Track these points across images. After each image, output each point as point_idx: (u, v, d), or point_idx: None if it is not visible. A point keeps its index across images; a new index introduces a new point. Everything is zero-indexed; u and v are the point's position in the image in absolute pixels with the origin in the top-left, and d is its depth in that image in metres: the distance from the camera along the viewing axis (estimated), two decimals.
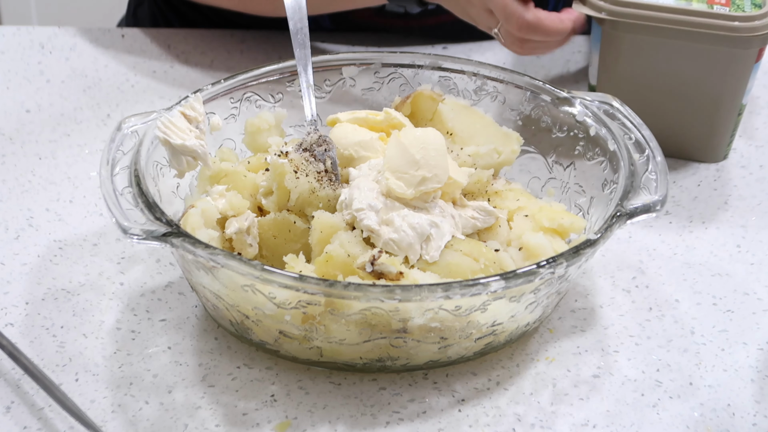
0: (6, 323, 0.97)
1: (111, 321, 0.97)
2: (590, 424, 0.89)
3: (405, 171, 0.94)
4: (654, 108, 1.17)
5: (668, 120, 1.19)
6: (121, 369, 0.92)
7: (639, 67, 1.17)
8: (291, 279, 0.84)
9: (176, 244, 0.86)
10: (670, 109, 1.18)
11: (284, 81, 1.09)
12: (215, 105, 1.06)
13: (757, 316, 1.00)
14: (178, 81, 1.34)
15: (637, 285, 1.03)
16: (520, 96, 1.09)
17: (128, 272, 1.03)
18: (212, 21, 1.47)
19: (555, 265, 0.86)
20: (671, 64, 1.16)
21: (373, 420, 0.89)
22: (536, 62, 1.39)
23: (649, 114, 1.15)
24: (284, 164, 0.96)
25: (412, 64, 1.12)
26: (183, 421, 0.88)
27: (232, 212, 0.96)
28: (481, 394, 0.91)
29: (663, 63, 1.16)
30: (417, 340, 0.88)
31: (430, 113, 1.07)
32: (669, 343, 0.97)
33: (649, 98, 1.18)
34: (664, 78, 1.17)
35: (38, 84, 1.32)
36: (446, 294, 0.83)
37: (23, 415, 0.88)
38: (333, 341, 0.89)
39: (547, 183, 1.08)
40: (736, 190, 1.17)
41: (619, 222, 0.91)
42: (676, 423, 0.89)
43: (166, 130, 0.97)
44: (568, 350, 0.96)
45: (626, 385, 0.92)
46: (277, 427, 0.88)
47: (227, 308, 0.91)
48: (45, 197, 1.13)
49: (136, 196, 0.91)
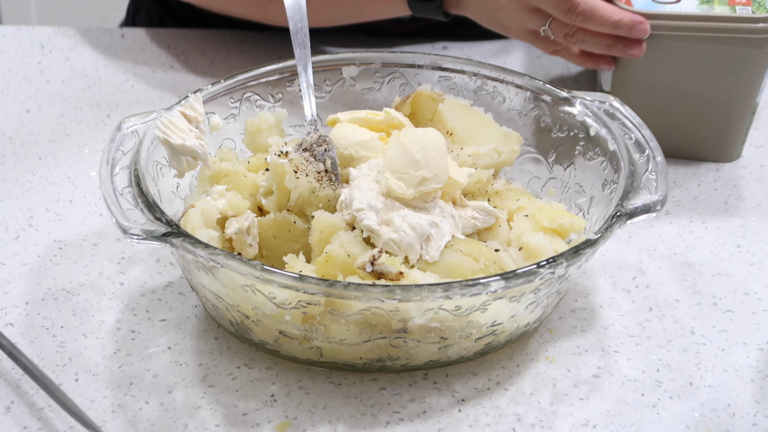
0: (6, 323, 0.97)
1: (111, 321, 0.97)
2: (590, 424, 0.89)
3: (405, 171, 0.94)
4: (669, 110, 1.18)
5: (683, 121, 1.19)
6: (121, 369, 0.93)
7: (656, 71, 1.16)
8: (291, 279, 0.84)
9: (176, 244, 0.86)
10: (686, 110, 1.18)
11: (284, 81, 1.09)
12: (215, 105, 1.06)
13: (757, 316, 1.00)
14: (178, 81, 1.34)
15: (637, 285, 1.03)
16: (520, 96, 1.09)
17: (128, 272, 1.03)
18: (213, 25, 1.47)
19: (555, 265, 0.86)
20: (689, 66, 1.15)
21: (373, 420, 0.89)
22: (536, 62, 1.39)
23: (665, 116, 1.16)
24: (284, 164, 0.96)
25: (412, 64, 1.12)
26: (183, 421, 0.88)
27: (232, 212, 0.96)
28: (481, 394, 0.91)
29: (681, 66, 1.15)
30: (417, 340, 0.88)
31: (430, 113, 1.07)
32: (669, 343, 0.97)
33: (665, 101, 1.18)
34: (681, 80, 1.16)
35: (38, 84, 1.32)
36: (446, 294, 0.83)
37: (23, 415, 0.88)
38: (333, 341, 0.89)
39: (547, 183, 1.08)
40: (736, 190, 1.17)
41: (619, 222, 0.91)
42: (676, 423, 0.89)
43: (166, 130, 0.97)
44: (568, 350, 0.96)
45: (626, 385, 0.92)
46: (277, 427, 0.88)
47: (227, 308, 0.91)
48: (45, 197, 1.13)
49: (136, 196, 0.91)
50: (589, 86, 1.31)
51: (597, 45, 1.15)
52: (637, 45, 1.13)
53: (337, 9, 1.28)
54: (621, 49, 1.14)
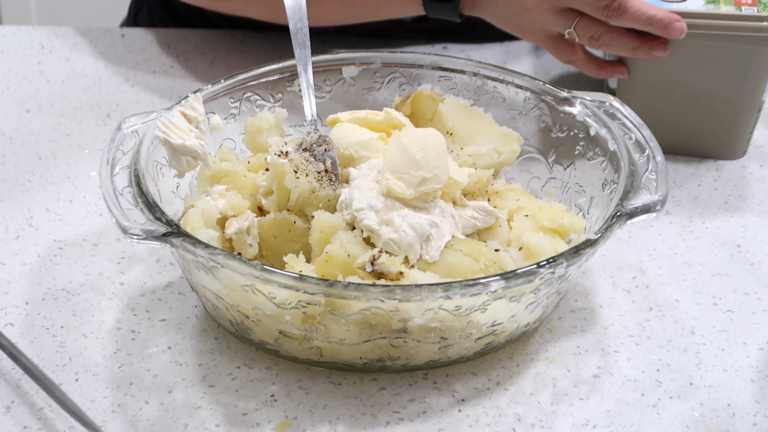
0: (6, 323, 0.97)
1: (111, 321, 0.97)
2: (590, 424, 0.89)
3: (405, 171, 0.94)
4: (675, 108, 1.19)
5: (689, 119, 1.20)
6: (121, 369, 0.93)
7: (663, 69, 1.17)
8: (291, 279, 0.84)
9: (176, 244, 0.86)
10: (692, 108, 1.19)
11: (284, 81, 1.09)
12: (215, 105, 1.06)
13: (757, 316, 1.00)
14: (178, 81, 1.34)
15: (637, 285, 1.03)
16: (520, 96, 1.09)
17: (128, 272, 1.03)
18: (215, 24, 1.46)
19: (555, 265, 0.86)
20: (695, 64, 1.16)
21: (373, 420, 0.89)
22: (536, 62, 1.39)
23: (671, 114, 1.18)
24: (284, 164, 0.96)
25: (412, 64, 1.12)
26: (183, 421, 0.88)
27: (232, 212, 0.96)
28: (481, 394, 0.91)
29: (687, 64, 1.16)
30: (417, 340, 0.88)
31: (430, 113, 1.07)
32: (669, 343, 0.97)
33: (671, 98, 1.19)
34: (687, 78, 1.17)
35: (38, 84, 1.32)
36: (446, 294, 0.83)
37: (23, 415, 0.88)
38: (333, 341, 0.89)
39: (547, 183, 1.08)
40: (736, 190, 1.17)
41: (619, 222, 0.91)
42: (676, 423, 0.89)
43: (166, 130, 0.97)
44: (568, 350, 0.96)
45: (626, 385, 0.92)
46: (277, 427, 0.88)
47: (227, 308, 0.91)
48: (45, 197, 1.13)
49: (136, 196, 0.91)
50: (590, 86, 1.31)
51: (623, 47, 1.14)
52: (662, 45, 1.12)
53: (350, 10, 1.28)
54: (647, 51, 1.13)
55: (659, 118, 1.10)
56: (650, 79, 1.18)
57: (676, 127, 1.19)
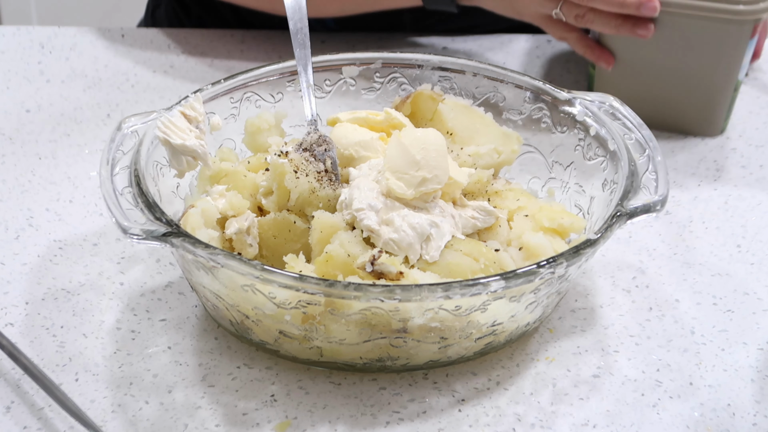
0: (6, 323, 0.97)
1: (111, 321, 0.97)
2: (590, 424, 0.89)
3: (405, 171, 0.94)
4: (654, 84, 1.23)
5: (668, 96, 1.24)
6: (121, 369, 0.93)
7: (641, 46, 1.21)
8: (291, 279, 0.84)
9: (176, 244, 0.86)
10: (670, 85, 1.24)
11: (284, 81, 1.09)
12: (215, 105, 1.06)
13: (757, 316, 1.00)
14: (177, 81, 1.34)
15: (637, 285, 1.03)
16: (520, 96, 1.09)
17: (128, 272, 1.03)
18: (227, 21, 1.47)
19: (555, 265, 0.86)
20: (673, 44, 1.20)
21: (373, 420, 0.89)
22: (536, 62, 1.39)
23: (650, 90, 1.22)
24: (284, 164, 0.96)
25: (412, 64, 1.12)
26: (183, 421, 0.88)
27: (232, 212, 0.96)
28: (481, 394, 0.91)
29: (666, 43, 1.20)
30: (417, 340, 0.88)
31: (430, 113, 1.07)
32: (669, 343, 0.97)
33: (650, 75, 1.23)
34: (666, 57, 1.21)
35: (38, 84, 1.33)
36: (446, 294, 0.83)
37: (23, 415, 0.88)
38: (333, 341, 0.89)
39: (547, 183, 1.08)
40: (736, 190, 1.17)
41: (619, 222, 0.91)
42: (676, 423, 0.89)
43: (166, 130, 0.97)
44: (568, 350, 0.96)
45: (626, 385, 0.92)
46: (277, 427, 0.88)
47: (227, 308, 0.91)
48: (45, 197, 1.13)
49: (136, 196, 0.91)
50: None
51: (606, 25, 1.20)
52: (644, 25, 1.18)
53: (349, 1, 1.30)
54: (630, 29, 1.19)
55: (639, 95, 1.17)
56: (630, 57, 1.23)
57: (654, 103, 1.24)
